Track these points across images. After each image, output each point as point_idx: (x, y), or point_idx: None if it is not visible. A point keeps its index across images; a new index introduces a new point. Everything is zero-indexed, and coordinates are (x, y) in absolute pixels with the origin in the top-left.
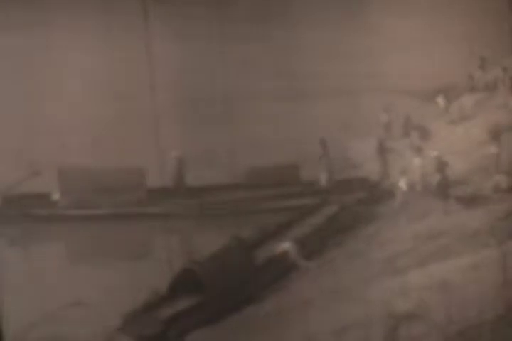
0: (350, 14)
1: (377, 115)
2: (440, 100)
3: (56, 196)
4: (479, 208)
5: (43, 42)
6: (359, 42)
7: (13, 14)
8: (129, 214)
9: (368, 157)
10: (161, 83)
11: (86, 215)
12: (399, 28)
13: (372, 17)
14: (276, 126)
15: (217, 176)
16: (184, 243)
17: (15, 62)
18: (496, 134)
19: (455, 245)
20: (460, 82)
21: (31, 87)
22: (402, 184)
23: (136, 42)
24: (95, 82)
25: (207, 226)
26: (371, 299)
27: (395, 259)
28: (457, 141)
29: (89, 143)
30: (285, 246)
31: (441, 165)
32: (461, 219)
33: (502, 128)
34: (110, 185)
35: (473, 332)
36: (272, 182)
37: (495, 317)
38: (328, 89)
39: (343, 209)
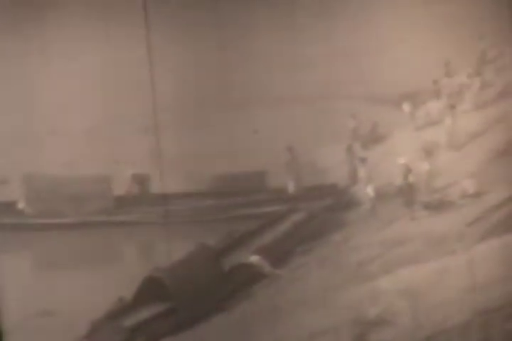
0: (313, 21)
1: (344, 122)
2: (406, 106)
3: (22, 205)
4: (446, 214)
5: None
6: (324, 49)
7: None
8: (96, 223)
9: (336, 163)
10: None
11: (52, 224)
12: (364, 35)
13: (336, 24)
14: (242, 134)
15: (183, 183)
16: (151, 251)
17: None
18: (429, 151)
19: (422, 251)
20: (426, 88)
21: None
22: (369, 190)
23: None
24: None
25: (173, 234)
26: (339, 305)
27: (363, 265)
28: (423, 147)
29: (63, 151)
30: (253, 258)
31: (407, 172)
32: (428, 225)
33: (437, 144)
34: (76, 193)
35: (441, 337)
36: (238, 189)
37: (463, 322)
38: (295, 96)
39: (311, 216)
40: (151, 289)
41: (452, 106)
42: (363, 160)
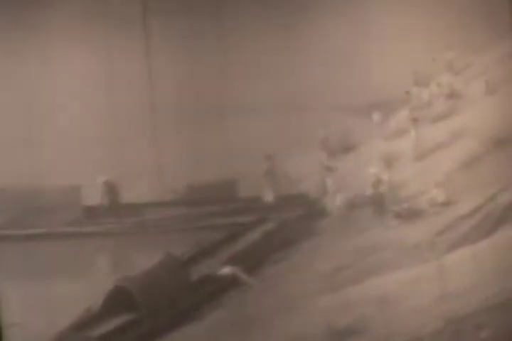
0: (286, 33)
1: (314, 131)
2: (375, 116)
3: None
4: (417, 222)
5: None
6: (297, 60)
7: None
8: (64, 234)
9: (307, 173)
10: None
11: (20, 235)
12: (335, 47)
13: (309, 36)
14: (213, 142)
15: (153, 193)
16: (120, 261)
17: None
18: (396, 161)
19: (394, 259)
20: (395, 98)
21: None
22: (339, 200)
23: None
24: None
25: (143, 244)
26: (312, 314)
27: (335, 274)
28: (392, 157)
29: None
30: (226, 270)
31: (377, 181)
32: (399, 234)
33: (405, 154)
34: (45, 204)
35: None
36: (209, 199)
37: (434, 330)
38: (267, 106)
39: (282, 225)
40: (118, 299)
41: (415, 120)
42: (332, 169)
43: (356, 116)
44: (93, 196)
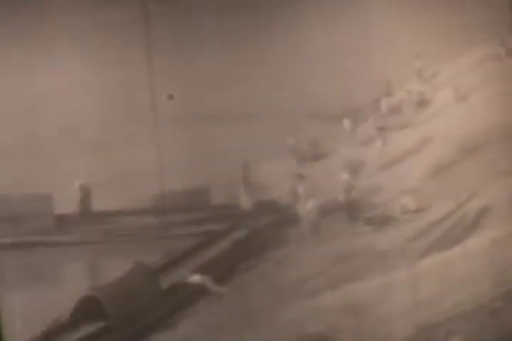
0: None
1: (285, 138)
2: (346, 123)
3: None
4: (388, 229)
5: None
6: (265, 66)
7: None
8: (35, 243)
9: (277, 180)
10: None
11: None
12: (303, 52)
13: (277, 42)
14: (185, 150)
15: (126, 201)
16: (91, 270)
17: None
18: (358, 169)
19: (365, 267)
20: (366, 105)
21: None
22: (310, 207)
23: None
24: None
25: (114, 253)
26: (283, 322)
27: (306, 281)
28: (363, 164)
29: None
30: (195, 278)
31: (348, 188)
32: (370, 241)
33: (375, 161)
34: (15, 213)
35: None
36: (181, 207)
37: (406, 338)
38: (237, 113)
39: (253, 233)
40: (87, 308)
41: (382, 128)
42: (302, 176)
43: (327, 123)
44: (65, 204)
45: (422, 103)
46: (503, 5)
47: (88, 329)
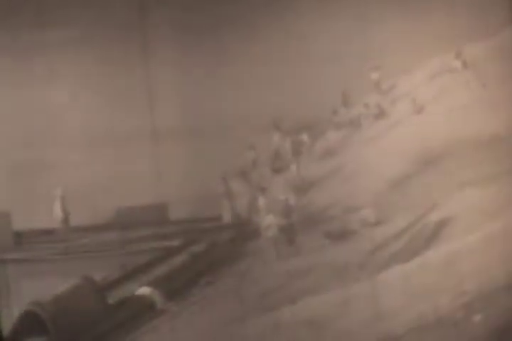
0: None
1: (242, 152)
2: (304, 136)
3: None
4: (348, 243)
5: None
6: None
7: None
8: None
9: (237, 194)
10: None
11: None
12: (260, 63)
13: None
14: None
15: (86, 216)
16: (48, 288)
17: None
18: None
19: (325, 280)
20: (324, 118)
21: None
22: (270, 220)
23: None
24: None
25: (71, 270)
26: (244, 336)
27: (267, 296)
28: (322, 178)
29: None
30: (143, 290)
31: (288, 211)
32: (330, 254)
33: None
34: None
35: None
36: (140, 222)
37: None
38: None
39: (211, 247)
40: (29, 323)
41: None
42: (263, 190)
43: (286, 136)
44: (24, 221)
45: (380, 115)
46: (459, 16)
47: None
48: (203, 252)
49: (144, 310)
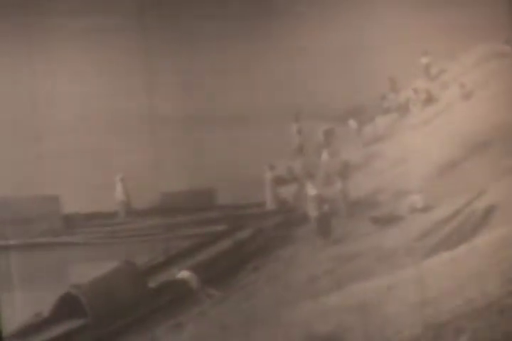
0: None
1: (289, 139)
2: (352, 122)
3: None
4: (395, 228)
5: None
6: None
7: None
8: (41, 244)
9: (283, 181)
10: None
11: None
12: (306, 52)
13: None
14: (193, 151)
15: (132, 201)
16: (93, 272)
17: None
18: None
19: (372, 266)
20: (372, 103)
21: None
22: (314, 207)
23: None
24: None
25: (117, 254)
26: (290, 322)
27: (314, 281)
28: (370, 163)
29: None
30: (182, 274)
31: (320, 203)
32: (377, 240)
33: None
34: (22, 214)
35: None
36: (186, 207)
37: (414, 336)
38: (245, 115)
39: (257, 233)
40: (67, 305)
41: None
42: (312, 176)
43: (332, 122)
44: (73, 205)
45: (429, 101)
46: (508, 3)
47: (65, 326)
48: (248, 238)
49: (182, 294)
